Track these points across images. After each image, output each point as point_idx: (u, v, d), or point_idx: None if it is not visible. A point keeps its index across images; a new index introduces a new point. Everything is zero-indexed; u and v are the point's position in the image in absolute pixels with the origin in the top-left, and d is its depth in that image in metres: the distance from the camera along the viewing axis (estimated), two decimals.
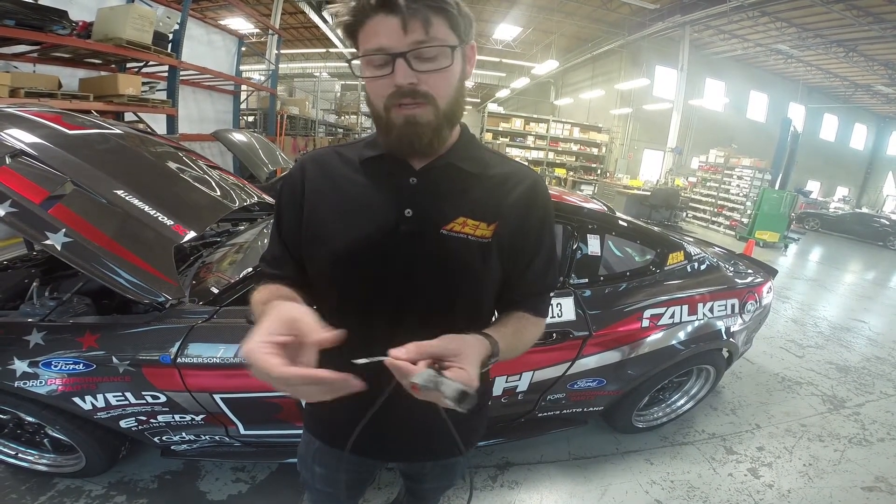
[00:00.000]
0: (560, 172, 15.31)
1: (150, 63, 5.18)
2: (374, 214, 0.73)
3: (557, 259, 0.90)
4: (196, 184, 1.97)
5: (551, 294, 0.87)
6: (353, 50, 0.67)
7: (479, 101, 23.89)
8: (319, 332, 0.53)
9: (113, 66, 5.26)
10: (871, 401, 2.91)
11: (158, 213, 1.59)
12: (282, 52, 10.98)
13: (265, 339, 0.51)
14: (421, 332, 0.75)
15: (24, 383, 1.39)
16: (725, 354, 2.25)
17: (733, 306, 2.13)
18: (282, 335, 0.52)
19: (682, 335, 1.96)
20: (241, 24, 11.80)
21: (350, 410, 0.72)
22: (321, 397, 0.52)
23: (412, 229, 0.71)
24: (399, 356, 0.55)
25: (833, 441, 2.42)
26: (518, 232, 0.76)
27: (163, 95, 5.54)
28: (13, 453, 1.70)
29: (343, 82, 16.06)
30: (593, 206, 2.09)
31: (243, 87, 8.14)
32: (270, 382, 0.49)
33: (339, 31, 0.67)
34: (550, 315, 1.61)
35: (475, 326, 0.78)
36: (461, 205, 0.73)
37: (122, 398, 1.44)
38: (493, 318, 0.83)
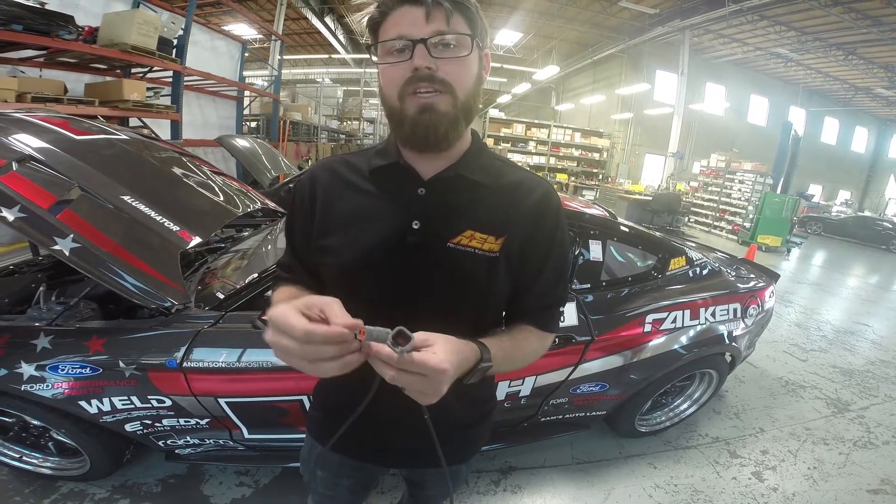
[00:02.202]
0: (562, 178, 15.35)
1: (155, 68, 5.22)
2: (382, 225, 0.72)
3: (568, 272, 0.89)
4: (201, 189, 1.99)
5: (561, 308, 0.85)
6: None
7: (480, 106, 23.93)
8: (345, 317, 0.54)
9: (118, 71, 5.31)
10: (876, 404, 2.90)
11: (164, 219, 1.61)
12: (284, 57, 11.06)
13: (292, 306, 0.53)
14: None
15: (31, 387, 1.40)
16: (728, 359, 2.26)
17: (735, 311, 2.13)
18: (307, 312, 0.54)
19: (684, 340, 1.97)
20: (244, 29, 11.88)
21: (348, 416, 0.72)
22: (334, 370, 0.53)
23: (419, 241, 0.71)
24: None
25: (838, 444, 2.41)
26: (528, 242, 0.75)
27: (167, 101, 5.58)
28: (17, 456, 1.71)
29: (345, 88, 16.15)
30: (595, 211, 2.10)
31: (246, 92, 8.20)
32: (289, 345, 0.51)
33: (363, 25, 0.68)
34: None
35: (479, 338, 0.78)
36: (469, 218, 0.72)
37: (128, 402, 1.45)
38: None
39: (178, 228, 1.61)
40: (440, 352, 0.56)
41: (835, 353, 3.72)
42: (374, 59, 0.68)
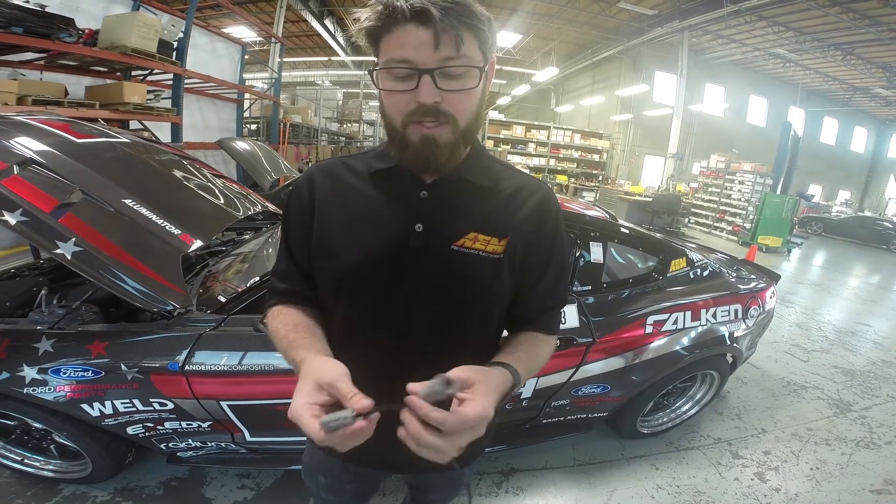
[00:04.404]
0: (561, 179, 15.35)
1: (155, 71, 5.24)
2: (384, 229, 0.71)
3: (568, 274, 0.89)
4: (202, 192, 1.99)
5: (562, 309, 0.85)
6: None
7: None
8: (354, 397, 0.55)
9: (118, 73, 5.32)
10: (878, 404, 2.90)
11: (165, 223, 1.61)
12: (284, 60, 11.08)
13: (307, 401, 0.55)
14: (429, 348, 0.74)
15: (33, 390, 1.40)
16: (729, 360, 2.26)
17: (736, 311, 2.13)
18: (321, 398, 0.56)
19: (685, 341, 1.97)
20: (244, 32, 11.90)
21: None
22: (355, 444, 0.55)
23: (422, 244, 0.70)
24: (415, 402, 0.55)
25: (840, 445, 2.41)
26: (530, 246, 0.75)
27: (167, 104, 5.59)
28: (19, 459, 1.71)
29: (345, 90, 16.17)
30: (595, 213, 2.10)
31: (246, 95, 8.21)
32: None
33: (361, 35, 0.63)
34: None
35: (484, 342, 0.77)
36: (472, 220, 0.71)
37: (130, 405, 1.45)
38: (503, 335, 0.82)
39: (179, 232, 1.61)
40: (481, 396, 0.56)
41: (836, 353, 3.72)
42: (375, 80, 0.64)
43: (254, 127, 9.79)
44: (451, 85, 0.61)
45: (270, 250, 2.08)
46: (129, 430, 1.52)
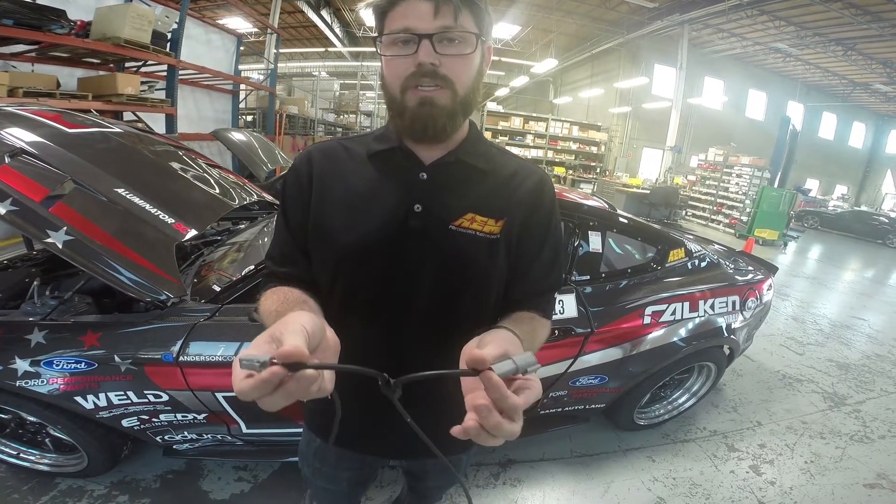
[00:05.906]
0: (559, 171, 15.29)
1: (149, 62, 5.17)
2: (383, 209, 0.72)
3: (563, 258, 0.90)
4: (196, 182, 1.97)
5: (556, 294, 0.86)
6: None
7: (479, 99, 23.90)
8: (293, 342, 0.44)
9: (111, 65, 5.25)
10: (872, 398, 2.91)
11: (159, 212, 1.59)
12: (280, 51, 10.96)
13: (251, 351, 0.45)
14: (427, 327, 0.75)
15: (26, 382, 1.39)
16: (726, 351, 2.26)
17: (734, 303, 2.13)
18: (270, 349, 0.45)
19: (683, 332, 1.96)
20: (239, 23, 11.79)
21: (349, 408, 0.70)
22: (285, 402, 0.44)
23: (421, 224, 0.71)
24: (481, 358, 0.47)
25: (834, 438, 2.42)
26: (525, 227, 0.76)
27: (162, 95, 5.53)
28: (15, 453, 1.70)
29: (342, 81, 16.05)
30: (594, 203, 2.09)
31: (242, 86, 8.14)
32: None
33: (370, 11, 0.68)
34: None
35: (480, 324, 0.77)
36: (470, 201, 0.73)
37: (124, 397, 1.43)
38: (499, 319, 0.80)
39: (173, 221, 1.60)
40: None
41: (831, 346, 3.74)
42: (378, 49, 0.68)
43: (250, 118, 9.73)
44: (448, 50, 0.64)
45: (266, 239, 2.06)
46: (124, 423, 1.51)
